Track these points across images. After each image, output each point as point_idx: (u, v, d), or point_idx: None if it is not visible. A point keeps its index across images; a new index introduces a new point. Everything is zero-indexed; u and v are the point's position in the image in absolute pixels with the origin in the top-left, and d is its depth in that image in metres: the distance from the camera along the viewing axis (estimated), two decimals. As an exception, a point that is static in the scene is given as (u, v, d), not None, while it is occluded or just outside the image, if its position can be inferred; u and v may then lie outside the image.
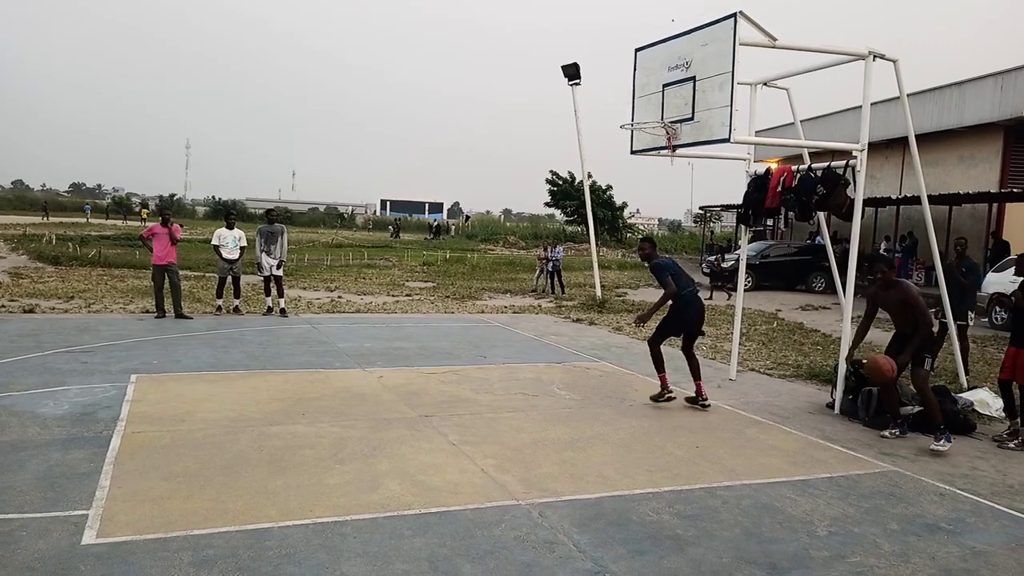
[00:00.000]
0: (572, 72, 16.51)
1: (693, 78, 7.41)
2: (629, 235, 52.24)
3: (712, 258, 25.01)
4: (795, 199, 7.85)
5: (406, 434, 6.25)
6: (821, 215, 9.13)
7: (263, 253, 13.00)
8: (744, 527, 4.58)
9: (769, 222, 8.96)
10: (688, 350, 7.87)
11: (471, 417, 6.89)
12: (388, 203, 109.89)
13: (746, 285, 22.86)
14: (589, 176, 18.63)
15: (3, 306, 12.32)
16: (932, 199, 20.30)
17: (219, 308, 12.89)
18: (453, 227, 63.13)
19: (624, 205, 52.49)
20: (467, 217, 78.77)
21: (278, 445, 5.79)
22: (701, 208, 43.88)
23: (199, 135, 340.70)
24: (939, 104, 22.35)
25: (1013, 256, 14.71)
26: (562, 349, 10.94)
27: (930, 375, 7.00)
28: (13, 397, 6.76)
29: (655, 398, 7.69)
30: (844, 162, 7.53)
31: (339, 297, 16.63)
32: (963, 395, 7.68)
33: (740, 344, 12.08)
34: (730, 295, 19.93)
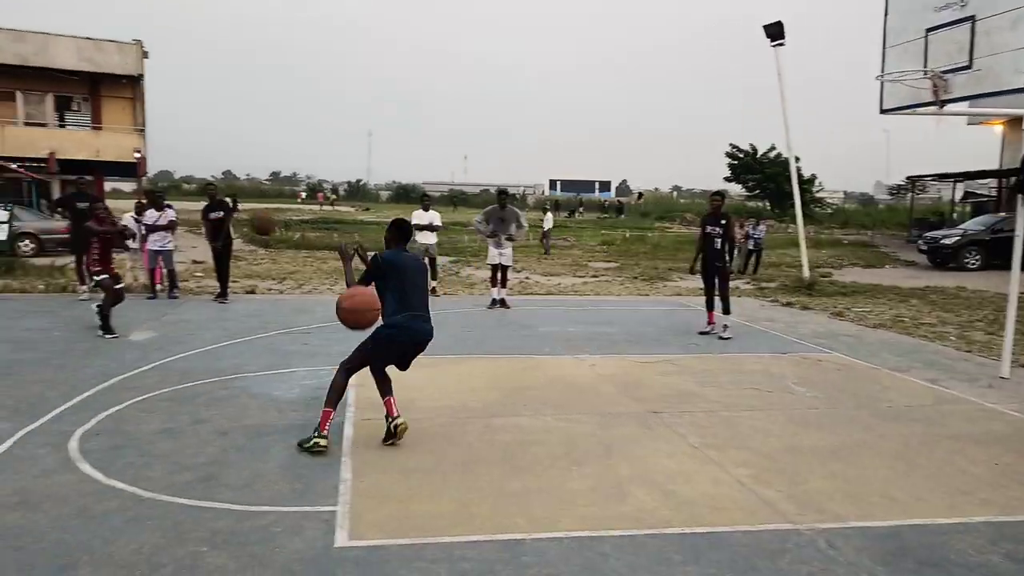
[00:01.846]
0: (775, 31, 15.05)
1: (971, 18, 6.15)
2: (818, 209, 48.56)
3: (931, 234, 22.32)
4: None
5: (638, 432, 5.70)
6: None
7: (490, 240, 11.85)
8: (1111, 581, 3.58)
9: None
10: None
11: (705, 415, 6.21)
12: (557, 183, 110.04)
13: (974, 263, 20.34)
14: (797, 160, 17.06)
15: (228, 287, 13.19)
16: None
17: (418, 289, 13.03)
18: (624, 205, 61.86)
19: (813, 177, 48.81)
20: (640, 195, 77.05)
21: (507, 440, 5.45)
22: (907, 178, 39.65)
23: (379, 123, 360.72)
24: None
25: None
26: (781, 337, 9.91)
27: None
28: (248, 379, 6.97)
29: None
30: None
31: (527, 278, 16.44)
32: None
33: (989, 332, 10.44)
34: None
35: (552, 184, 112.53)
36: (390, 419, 5.26)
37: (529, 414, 6.12)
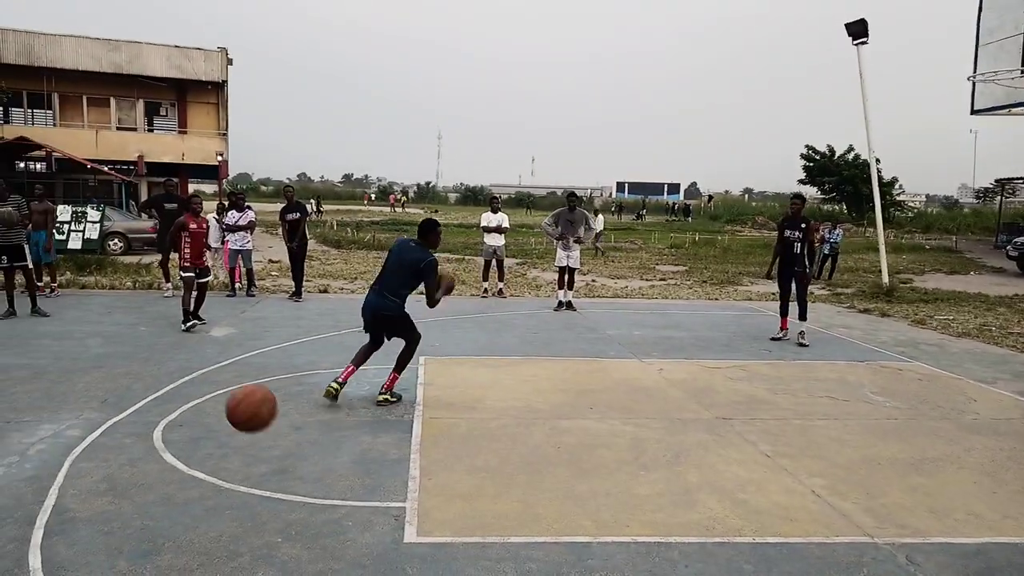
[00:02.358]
0: (859, 30, 14.54)
1: (1078, 11, 5.81)
2: (898, 213, 46.69)
3: (1021, 239, 21.16)
4: None
5: (707, 439, 5.60)
6: None
7: (559, 242, 11.78)
8: None
9: None
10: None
11: (777, 423, 6.05)
12: (625, 185, 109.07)
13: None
14: (877, 161, 16.46)
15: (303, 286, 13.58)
16: None
17: (485, 291, 13.14)
18: (693, 208, 60.83)
19: (894, 180, 46.95)
20: (710, 197, 75.62)
21: (573, 442, 5.43)
22: (996, 181, 37.69)
23: (449, 127, 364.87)
24: None
25: None
26: (859, 344, 9.57)
27: None
28: (321, 375, 7.16)
29: None
30: None
31: (593, 281, 16.35)
32: None
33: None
34: None
35: (620, 186, 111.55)
36: (336, 382, 6.19)
37: (595, 417, 6.09)
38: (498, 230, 13.07)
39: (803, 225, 9.37)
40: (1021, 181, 33.49)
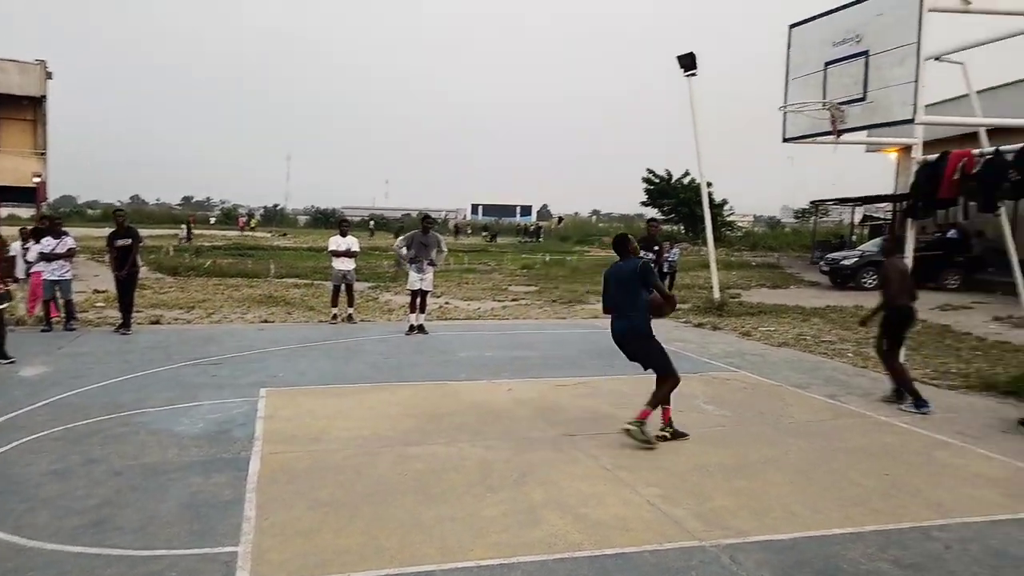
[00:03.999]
0: (688, 62, 15.64)
1: (865, 53, 6.58)
2: (728, 233, 50.43)
3: (831, 255, 23.49)
4: (979, 187, 6.88)
5: (553, 456, 5.74)
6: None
7: (411, 266, 11.69)
8: (987, 582, 3.81)
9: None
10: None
11: (618, 437, 6.28)
12: (479, 207, 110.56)
13: (871, 283, 21.49)
14: (709, 185, 17.69)
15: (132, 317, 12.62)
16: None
17: (334, 316, 12.80)
18: (543, 229, 62.69)
19: (724, 202, 50.72)
20: (560, 219, 78.18)
21: (421, 468, 5.38)
22: (811, 203, 41.67)
23: (298, 147, 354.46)
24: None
25: None
26: (693, 357, 10.20)
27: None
28: (149, 414, 6.66)
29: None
30: (1043, 143, 6.53)
31: (447, 303, 16.37)
32: None
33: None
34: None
35: (474, 208, 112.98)
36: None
37: (444, 441, 6.07)
38: (348, 254, 12.81)
39: (656, 247, 10.03)
40: (832, 202, 37.16)
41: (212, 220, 77.06)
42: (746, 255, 38.20)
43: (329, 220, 76.60)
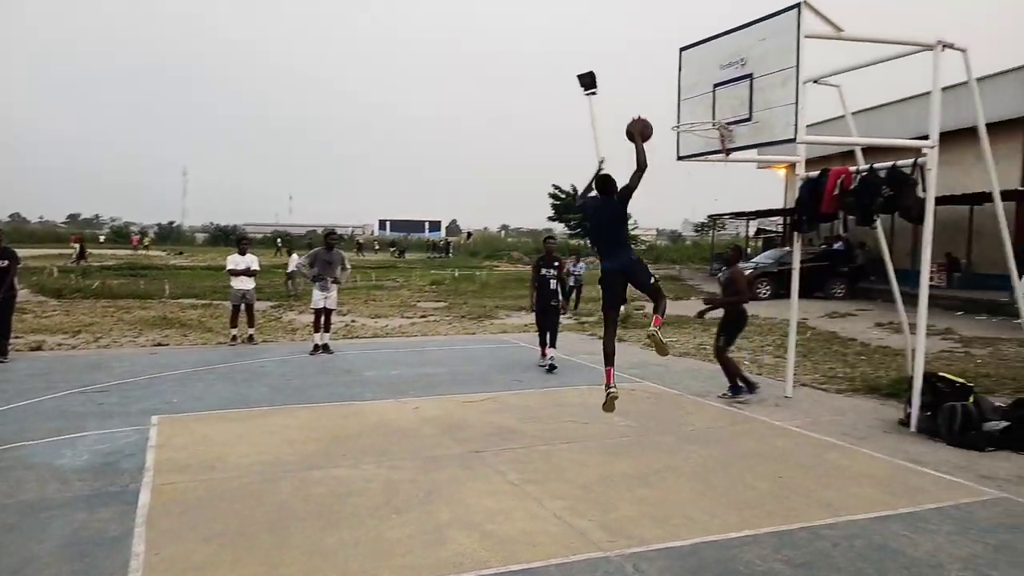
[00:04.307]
0: (588, 81, 16.00)
1: (750, 76, 6.92)
2: (633, 246, 51.86)
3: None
4: (856, 202, 7.35)
5: (460, 474, 5.70)
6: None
7: (315, 283, 11.46)
8: (869, 576, 4.03)
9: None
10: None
11: (525, 451, 6.34)
12: (387, 223, 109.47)
13: (765, 293, 22.54)
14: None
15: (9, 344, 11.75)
16: (955, 199, 19.89)
17: (234, 338, 12.34)
18: (452, 244, 62.68)
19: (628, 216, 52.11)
20: (469, 234, 78.35)
21: (323, 493, 5.24)
22: (708, 217, 43.43)
23: (196, 162, 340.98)
24: (955, 102, 21.93)
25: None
26: (599, 369, 10.36)
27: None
28: (28, 447, 6.21)
29: None
30: (912, 160, 7.04)
31: (353, 321, 16.08)
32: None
33: (777, 356, 11.60)
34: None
35: (382, 224, 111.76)
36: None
37: (348, 464, 5.93)
38: (247, 273, 12.39)
39: (556, 263, 10.40)
40: (728, 216, 38.83)
41: (101, 238, 72.94)
42: (650, 268, 39.28)
43: (229, 237, 74.00)
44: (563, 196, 52.14)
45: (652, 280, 6.15)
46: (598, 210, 6.21)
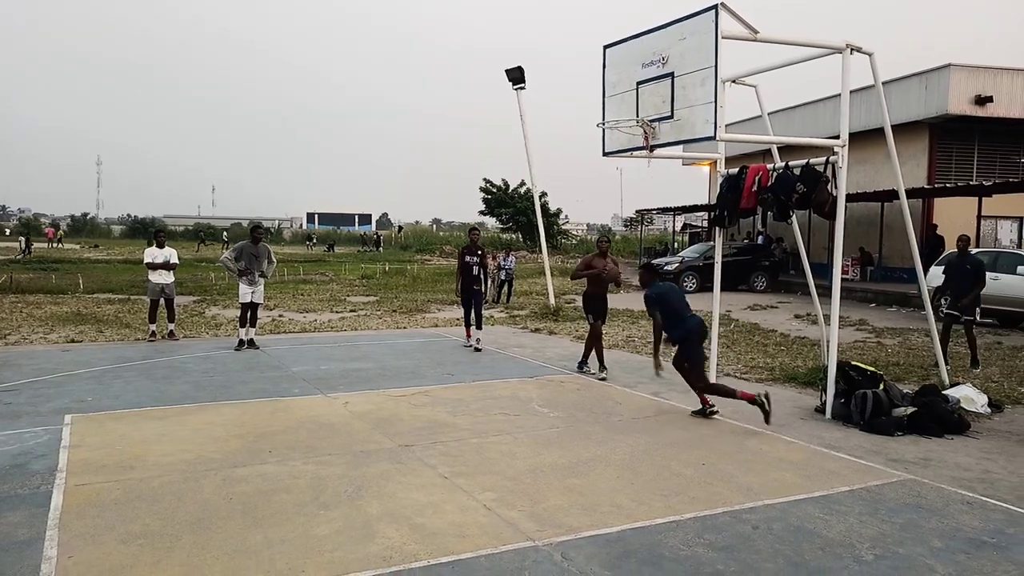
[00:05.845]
0: (517, 76, 16.10)
1: (671, 74, 7.08)
2: (564, 241, 52.35)
3: (656, 261, 25.01)
4: (773, 198, 7.62)
5: (390, 468, 5.66)
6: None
7: (242, 278, 11.24)
8: (786, 556, 4.20)
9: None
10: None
11: (456, 444, 6.34)
12: (316, 216, 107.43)
13: (691, 287, 23.15)
14: (543, 195, 18.38)
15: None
16: (867, 196, 20.85)
17: (153, 334, 11.90)
18: (383, 238, 61.94)
19: (559, 211, 52.60)
20: (400, 228, 77.60)
21: (248, 491, 5.12)
22: (637, 212, 44.24)
23: (110, 150, 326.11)
24: (867, 103, 22.97)
25: (949, 251, 14.96)
26: (529, 362, 10.48)
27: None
28: (-74, 451, 5.85)
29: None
30: (824, 159, 7.34)
31: (280, 316, 15.73)
32: (949, 392, 7.58)
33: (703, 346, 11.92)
34: None
35: (310, 217, 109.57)
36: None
37: (275, 460, 5.81)
38: (166, 266, 11.97)
39: (479, 252, 11.01)
40: (656, 211, 39.65)
41: (7, 231, 69.12)
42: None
43: (147, 230, 71.24)
44: (494, 190, 52.09)
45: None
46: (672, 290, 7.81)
